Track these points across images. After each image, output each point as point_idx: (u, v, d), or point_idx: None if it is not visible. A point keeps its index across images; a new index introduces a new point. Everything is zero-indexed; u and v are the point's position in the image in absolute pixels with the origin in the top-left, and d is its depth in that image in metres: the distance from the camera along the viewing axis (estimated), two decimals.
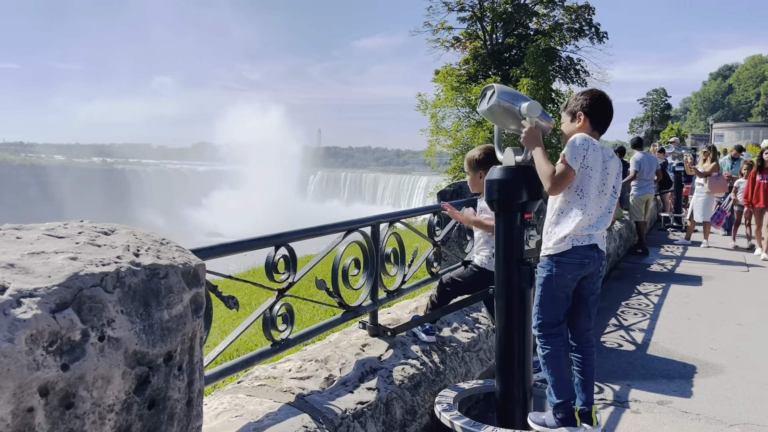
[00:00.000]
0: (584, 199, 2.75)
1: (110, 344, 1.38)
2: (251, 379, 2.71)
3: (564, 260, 2.75)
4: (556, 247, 2.77)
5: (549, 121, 2.89)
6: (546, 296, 2.80)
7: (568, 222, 2.75)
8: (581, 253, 2.75)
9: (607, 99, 2.86)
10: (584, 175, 2.72)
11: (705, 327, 5.54)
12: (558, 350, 2.81)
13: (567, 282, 2.78)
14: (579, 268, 2.77)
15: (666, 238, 11.68)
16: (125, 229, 1.71)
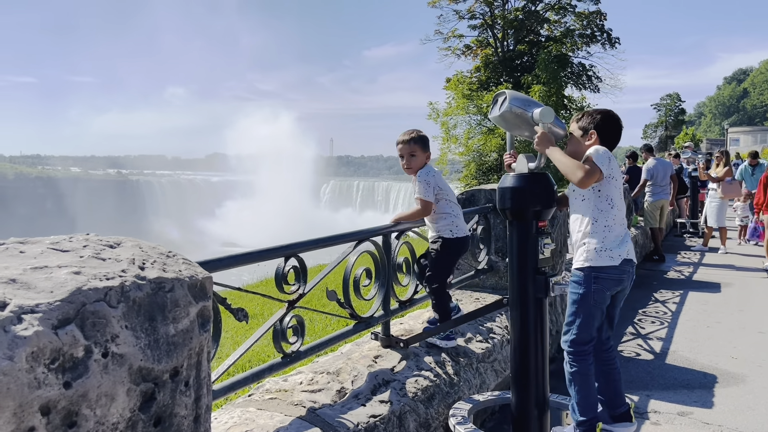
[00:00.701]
0: (614, 210, 2.78)
1: (114, 360, 1.35)
2: (262, 392, 2.67)
3: (604, 275, 2.72)
4: (596, 259, 2.72)
5: (562, 127, 2.85)
6: (582, 313, 2.76)
7: (605, 232, 2.75)
8: (620, 267, 2.73)
9: (618, 120, 2.90)
10: (610, 184, 2.76)
11: (725, 335, 5.43)
12: (588, 368, 2.78)
13: (605, 298, 2.77)
14: (617, 284, 2.77)
15: (683, 245, 11.53)
16: (131, 242, 1.68)
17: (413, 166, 3.40)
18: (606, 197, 2.77)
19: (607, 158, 2.71)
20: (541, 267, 2.82)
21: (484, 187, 4.69)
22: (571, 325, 2.78)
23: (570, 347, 2.78)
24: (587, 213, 2.78)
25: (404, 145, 3.41)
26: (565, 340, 2.81)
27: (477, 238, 4.44)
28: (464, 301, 4.53)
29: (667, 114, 75.67)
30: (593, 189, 2.77)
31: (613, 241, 2.74)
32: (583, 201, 2.82)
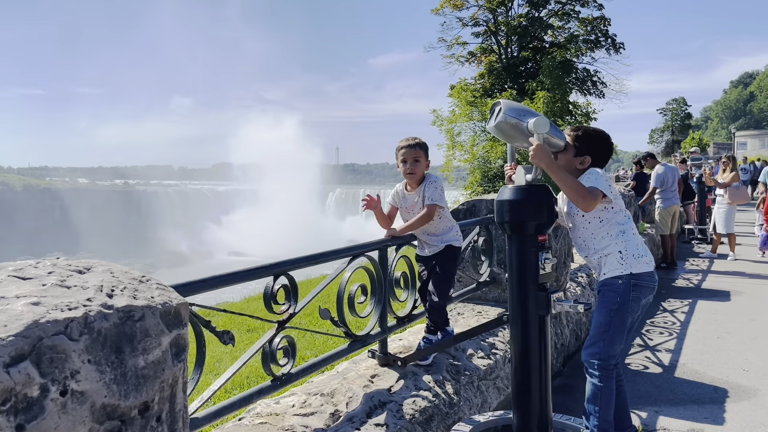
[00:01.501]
0: (631, 222, 2.84)
1: (74, 399, 1.25)
2: (252, 416, 2.57)
3: (642, 283, 2.72)
4: (636, 265, 2.72)
5: (559, 137, 2.76)
6: (617, 324, 2.71)
7: (635, 239, 2.79)
8: (654, 275, 2.78)
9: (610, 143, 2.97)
10: (618, 199, 2.80)
11: (736, 346, 5.28)
12: (613, 385, 2.76)
13: (639, 307, 2.76)
14: (650, 292, 2.78)
15: (691, 251, 11.37)
16: (102, 267, 1.58)
17: (417, 172, 3.29)
18: (620, 210, 2.82)
19: (606, 183, 2.73)
20: (542, 283, 2.71)
21: (486, 197, 4.59)
22: (602, 336, 2.72)
23: (601, 361, 2.72)
24: (611, 230, 2.79)
25: (409, 149, 3.29)
26: (593, 353, 2.73)
27: (479, 250, 4.34)
28: (466, 314, 4.42)
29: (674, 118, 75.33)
30: (606, 209, 2.78)
31: (644, 247, 2.80)
32: (600, 222, 2.81)
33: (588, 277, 6.09)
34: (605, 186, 2.69)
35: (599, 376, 2.70)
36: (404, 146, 3.30)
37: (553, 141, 2.72)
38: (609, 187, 2.71)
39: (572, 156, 2.83)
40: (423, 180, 3.30)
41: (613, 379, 2.73)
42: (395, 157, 3.36)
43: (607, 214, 2.78)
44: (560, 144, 2.78)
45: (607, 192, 2.68)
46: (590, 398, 2.73)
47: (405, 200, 3.36)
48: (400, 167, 3.33)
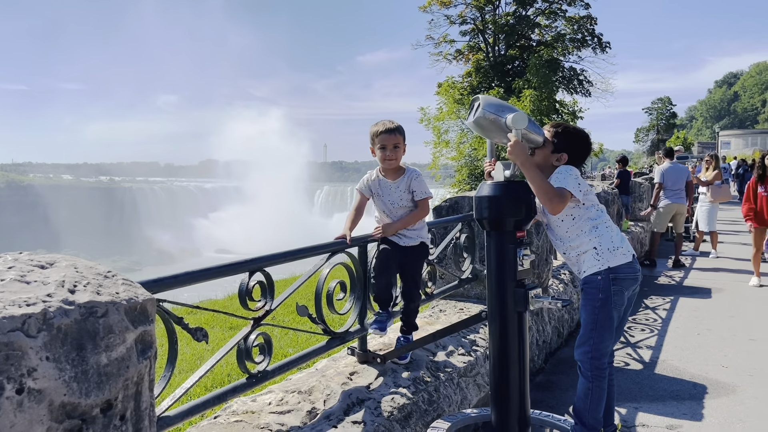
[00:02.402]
0: (603, 216, 2.82)
1: (31, 397, 1.22)
2: (228, 414, 2.54)
3: (622, 275, 2.70)
4: (612, 259, 2.69)
5: (538, 133, 2.75)
6: (603, 320, 2.70)
7: (609, 232, 2.76)
8: (632, 266, 2.74)
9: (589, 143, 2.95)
10: (588, 197, 2.77)
11: (716, 343, 5.32)
12: (605, 383, 2.76)
13: (624, 300, 2.75)
14: (633, 282, 2.76)
15: (674, 249, 11.43)
16: (66, 262, 1.55)
17: (398, 159, 3.13)
18: (592, 206, 2.79)
19: (576, 181, 2.72)
20: (520, 279, 2.70)
21: (468, 194, 4.57)
22: (591, 335, 2.71)
23: (593, 359, 2.71)
24: (584, 226, 2.77)
25: (388, 135, 3.08)
26: (585, 352, 2.73)
27: (461, 247, 4.33)
28: (448, 311, 4.41)
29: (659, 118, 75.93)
30: (578, 206, 2.77)
31: (619, 238, 2.77)
32: (573, 219, 2.80)
33: (570, 275, 6.11)
34: (573, 185, 2.68)
35: (591, 375, 2.70)
36: (383, 131, 3.10)
37: (532, 137, 2.71)
38: (578, 185, 2.70)
39: (549, 152, 2.82)
40: (402, 170, 3.18)
41: (605, 379, 2.72)
42: (372, 143, 3.17)
43: (579, 211, 2.77)
44: (539, 140, 2.76)
45: (575, 192, 2.67)
46: (581, 396, 2.73)
47: (384, 190, 3.18)
48: (377, 154, 3.13)
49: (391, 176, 3.17)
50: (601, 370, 2.71)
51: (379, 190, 3.19)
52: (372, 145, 3.17)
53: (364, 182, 3.24)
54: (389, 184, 3.16)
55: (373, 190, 3.20)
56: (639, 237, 10.27)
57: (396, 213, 3.16)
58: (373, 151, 3.18)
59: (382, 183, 3.18)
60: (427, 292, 3.85)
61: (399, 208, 3.15)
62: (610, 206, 7.64)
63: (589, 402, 2.70)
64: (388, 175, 3.17)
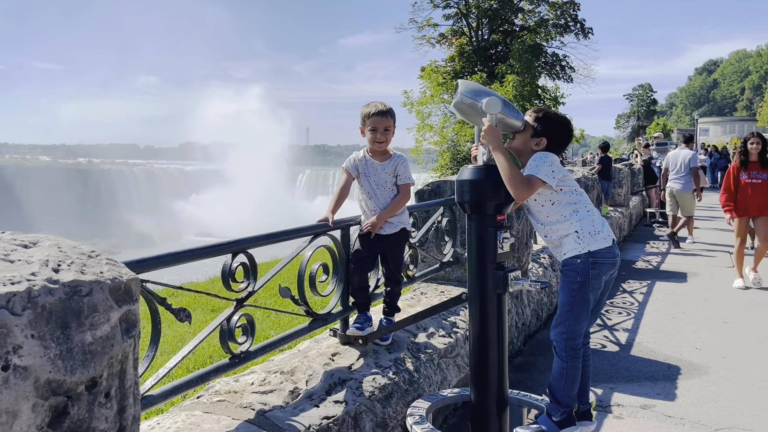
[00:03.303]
0: (584, 195, 2.83)
1: (16, 374, 1.23)
2: (211, 394, 2.56)
3: (601, 259, 2.71)
4: (593, 243, 2.70)
5: (517, 117, 2.77)
6: (580, 302, 2.72)
7: (590, 216, 2.76)
8: (612, 250, 2.75)
9: (570, 130, 2.92)
10: (565, 182, 2.77)
11: (690, 325, 5.44)
12: (579, 363, 2.77)
13: (601, 283, 2.76)
14: (611, 267, 2.78)
15: (651, 234, 11.62)
16: (49, 241, 1.55)
17: (388, 142, 3.14)
18: (571, 190, 2.79)
19: (550, 168, 2.70)
20: (500, 261, 2.74)
21: (450, 178, 4.61)
22: (567, 316, 2.73)
23: (567, 340, 2.73)
24: (564, 210, 2.77)
25: (381, 117, 3.07)
26: (560, 332, 2.75)
27: (442, 231, 4.37)
28: (429, 294, 4.46)
29: (639, 104, 76.58)
30: (557, 191, 2.76)
31: (599, 222, 2.78)
32: (552, 204, 2.79)
33: (550, 258, 6.19)
34: (546, 172, 2.67)
35: (566, 355, 2.73)
36: (375, 113, 3.08)
37: (509, 121, 2.73)
38: (552, 172, 2.68)
39: (529, 136, 2.82)
40: (389, 153, 3.19)
41: (579, 359, 2.76)
42: (362, 123, 3.15)
43: (557, 196, 2.77)
44: (517, 124, 2.78)
45: (547, 179, 2.66)
46: (556, 376, 2.76)
47: (370, 170, 3.17)
48: (367, 135, 3.13)
49: (379, 158, 3.18)
50: (575, 350, 2.74)
51: (366, 171, 3.19)
52: (362, 125, 3.17)
53: (350, 161, 3.23)
54: (376, 165, 3.18)
55: (360, 170, 3.20)
56: (618, 222, 10.41)
57: (379, 195, 3.17)
58: (362, 131, 3.19)
59: (369, 163, 3.19)
60: (409, 275, 3.89)
61: (383, 191, 3.17)
62: (590, 191, 7.74)
63: (564, 381, 2.73)
64: (375, 156, 3.19)
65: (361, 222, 3.20)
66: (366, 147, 3.23)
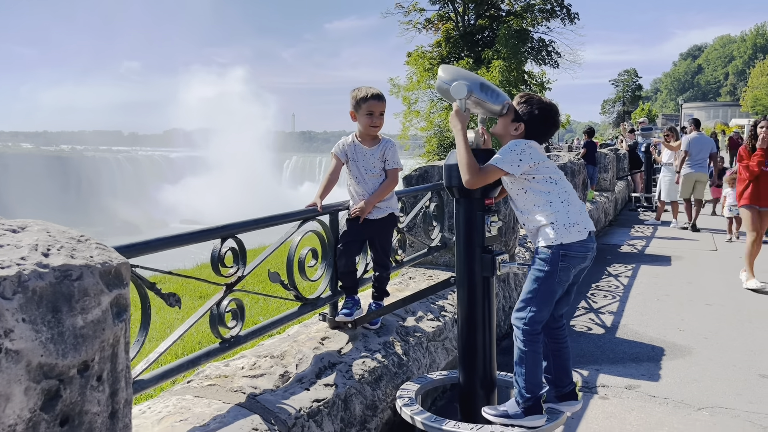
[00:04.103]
0: (560, 184, 2.70)
1: (8, 358, 1.23)
2: (201, 378, 2.57)
3: (572, 253, 2.63)
4: (566, 235, 2.61)
5: (495, 102, 2.72)
6: (544, 292, 2.65)
7: (565, 206, 2.66)
8: (585, 244, 2.66)
9: (552, 118, 2.78)
10: (538, 171, 2.67)
11: (674, 308, 5.53)
12: (540, 346, 2.69)
13: (569, 276, 2.68)
14: (582, 261, 2.69)
15: (636, 219, 11.74)
16: (38, 226, 1.54)
17: (381, 126, 3.15)
18: (545, 179, 2.69)
19: (517, 157, 2.63)
20: (488, 245, 2.77)
21: (438, 163, 4.62)
22: (530, 302, 2.68)
23: (526, 326, 2.67)
24: (537, 200, 2.69)
25: (377, 101, 3.08)
26: (520, 317, 2.69)
27: (430, 215, 4.39)
28: (417, 278, 4.49)
29: (625, 90, 76.97)
30: (528, 179, 2.68)
31: (576, 213, 2.68)
32: (525, 193, 2.72)
33: None
34: (509, 161, 2.62)
35: (524, 340, 2.68)
36: (371, 97, 3.09)
37: (487, 105, 2.71)
38: (519, 161, 2.62)
39: (509, 121, 2.76)
40: (378, 138, 3.19)
41: (538, 343, 2.70)
42: (355, 108, 3.13)
43: (529, 185, 2.69)
44: (495, 108, 2.74)
45: (509, 168, 2.61)
46: (517, 361, 2.70)
47: (359, 155, 3.18)
48: (362, 120, 3.12)
49: (368, 143, 3.18)
50: (533, 335, 2.68)
51: (355, 156, 3.18)
52: (354, 110, 3.14)
53: (340, 146, 3.23)
54: (365, 150, 3.17)
55: (349, 155, 3.19)
56: (603, 207, 10.50)
57: (368, 180, 3.17)
58: (353, 115, 3.17)
59: (358, 148, 3.18)
60: (398, 259, 3.91)
61: (372, 176, 3.17)
62: (576, 176, 7.78)
63: (524, 367, 2.67)
64: (365, 141, 3.19)
65: (350, 207, 3.21)
66: (355, 132, 3.22)
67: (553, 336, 2.82)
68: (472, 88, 2.65)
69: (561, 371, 2.82)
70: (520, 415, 2.63)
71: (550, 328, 2.82)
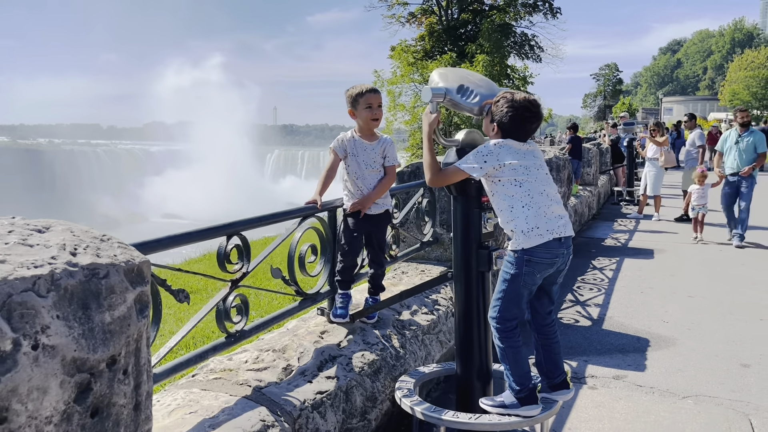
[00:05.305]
0: (525, 187, 2.65)
1: (45, 352, 1.29)
2: (206, 372, 2.63)
3: (536, 258, 2.63)
4: (526, 241, 2.61)
5: (471, 104, 2.76)
6: (510, 292, 2.68)
7: (525, 211, 2.63)
8: (551, 249, 2.63)
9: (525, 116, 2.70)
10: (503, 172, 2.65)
11: (657, 300, 5.68)
12: (515, 341, 2.71)
13: (535, 280, 2.69)
14: (549, 267, 2.68)
15: (619, 212, 11.94)
16: (62, 226, 1.60)
17: (381, 119, 3.23)
18: (509, 182, 2.66)
19: (482, 159, 2.63)
20: (484, 241, 2.86)
21: None
22: (498, 301, 2.72)
23: (497, 323, 2.72)
24: (501, 204, 2.69)
25: (375, 94, 3.18)
26: (492, 316, 2.74)
27: (422, 211, 4.47)
28: (410, 273, 4.57)
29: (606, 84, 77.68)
30: (495, 181, 2.69)
31: (534, 217, 2.63)
32: (493, 196, 2.73)
33: None
34: (472, 163, 2.63)
35: (499, 337, 2.73)
36: (368, 91, 3.16)
37: (463, 107, 2.78)
38: (483, 163, 2.62)
39: (489, 122, 2.77)
40: (377, 135, 3.25)
41: (514, 338, 2.73)
42: (353, 105, 3.18)
43: (495, 187, 2.70)
44: (472, 110, 2.79)
45: (469, 171, 2.63)
46: (500, 357, 2.76)
47: (360, 150, 3.21)
48: (362, 114, 3.15)
49: (368, 138, 3.23)
50: (507, 332, 2.71)
51: (355, 150, 3.22)
52: (352, 107, 3.19)
53: (339, 142, 3.25)
54: (366, 145, 3.22)
55: (348, 150, 3.22)
56: (587, 201, 10.67)
57: (367, 175, 3.22)
58: (352, 113, 3.21)
59: (359, 143, 3.22)
60: (392, 254, 3.99)
61: (372, 171, 3.23)
62: (561, 171, 7.90)
63: (508, 362, 2.72)
64: (365, 136, 3.23)
65: (345, 202, 3.27)
66: (354, 128, 3.27)
67: (542, 332, 2.86)
68: (449, 91, 2.74)
69: (551, 364, 2.85)
70: (516, 405, 2.71)
71: (539, 324, 2.85)
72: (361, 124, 3.22)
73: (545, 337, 2.86)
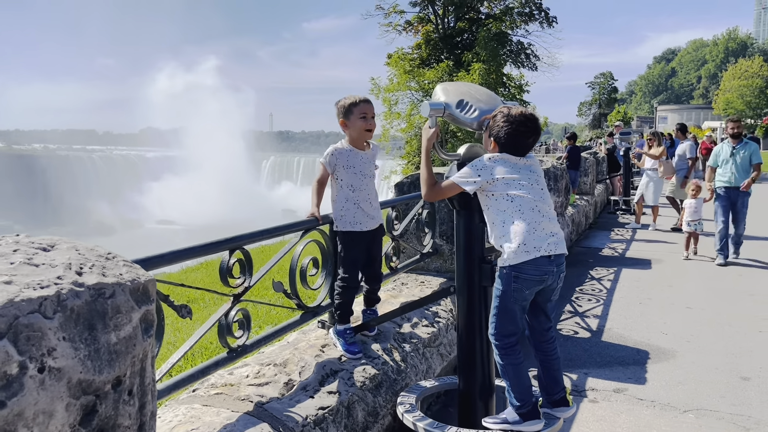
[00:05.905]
0: (517, 202, 2.63)
1: (51, 375, 1.27)
2: (207, 387, 2.61)
3: (524, 275, 2.61)
4: (514, 258, 2.59)
5: (470, 119, 2.77)
6: (502, 308, 2.68)
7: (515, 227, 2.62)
8: (540, 267, 2.61)
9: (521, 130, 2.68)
10: (496, 187, 2.65)
11: (656, 311, 5.68)
12: (516, 358, 2.71)
13: (525, 297, 2.67)
14: (538, 284, 2.66)
15: (616, 222, 11.95)
16: (66, 244, 1.58)
17: (374, 129, 3.22)
18: (502, 197, 2.65)
19: (476, 173, 2.64)
20: (486, 255, 2.85)
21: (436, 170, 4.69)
22: (494, 318, 2.72)
23: (495, 340, 2.72)
24: (494, 218, 2.69)
25: (369, 104, 3.17)
26: (491, 333, 2.74)
27: (422, 222, 4.46)
28: (410, 284, 4.56)
29: (601, 92, 78.01)
30: (488, 195, 2.69)
31: (527, 233, 2.61)
32: (488, 210, 2.73)
33: None
34: (465, 176, 2.65)
35: (499, 354, 2.73)
36: (362, 101, 3.14)
37: (462, 122, 2.80)
38: (477, 177, 2.64)
39: (488, 136, 2.77)
40: (368, 144, 3.23)
41: (515, 354, 2.72)
42: (345, 115, 3.14)
43: (488, 201, 2.70)
44: (470, 125, 2.80)
45: (464, 185, 2.65)
46: (501, 373, 2.76)
47: (357, 161, 3.14)
48: (356, 124, 3.11)
49: (362, 148, 3.19)
50: (507, 348, 2.71)
51: (351, 162, 3.14)
52: (344, 117, 3.14)
53: (328, 157, 3.14)
54: (361, 155, 3.17)
55: (342, 163, 3.13)
56: (584, 210, 10.68)
57: (365, 184, 3.17)
58: (344, 124, 3.16)
59: (355, 154, 3.15)
60: (392, 266, 3.98)
61: (369, 179, 3.20)
62: (558, 181, 7.91)
63: (508, 378, 2.72)
64: (359, 147, 3.18)
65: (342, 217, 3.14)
66: (345, 139, 3.20)
67: (540, 349, 2.84)
68: (448, 106, 2.76)
69: (551, 380, 2.84)
70: (519, 421, 2.70)
71: (537, 341, 2.83)
72: (354, 135, 3.15)
73: (544, 354, 2.84)
